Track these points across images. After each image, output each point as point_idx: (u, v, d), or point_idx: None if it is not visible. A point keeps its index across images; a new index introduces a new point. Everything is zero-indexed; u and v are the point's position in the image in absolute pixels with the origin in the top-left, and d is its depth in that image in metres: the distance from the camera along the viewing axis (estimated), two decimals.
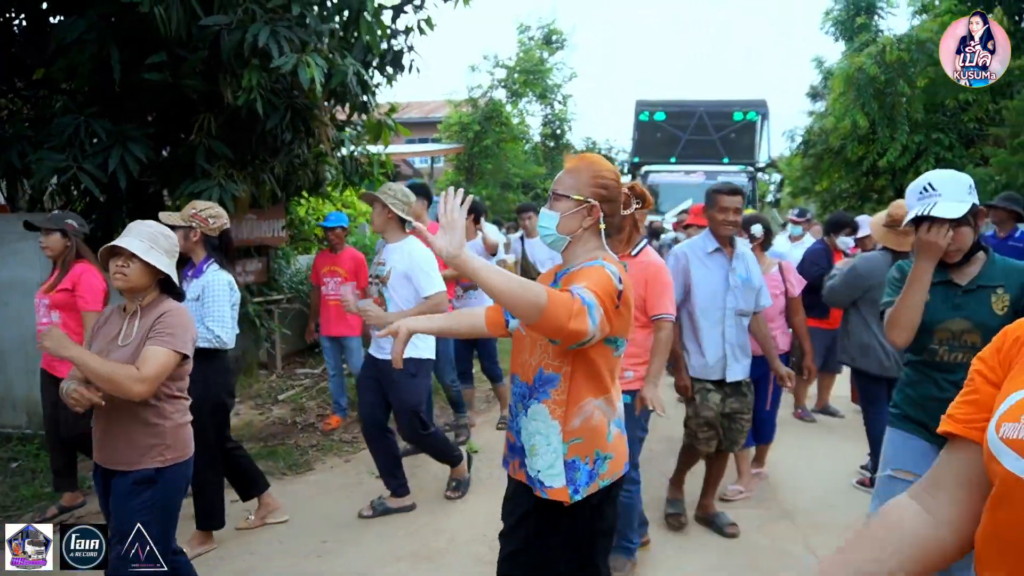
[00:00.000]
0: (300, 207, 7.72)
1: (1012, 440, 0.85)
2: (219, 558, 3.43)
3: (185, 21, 4.10)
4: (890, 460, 2.35)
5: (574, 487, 1.91)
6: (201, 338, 3.18)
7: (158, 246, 2.39)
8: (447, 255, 1.65)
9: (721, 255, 3.48)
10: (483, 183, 18.30)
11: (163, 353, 2.29)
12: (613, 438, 1.99)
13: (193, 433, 3.25)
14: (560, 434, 1.92)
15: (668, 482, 3.94)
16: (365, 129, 6.33)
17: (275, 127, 5.02)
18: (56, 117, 4.52)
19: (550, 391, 1.93)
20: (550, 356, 1.93)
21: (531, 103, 20.23)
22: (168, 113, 5.04)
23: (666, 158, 12.10)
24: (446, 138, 18.65)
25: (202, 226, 3.36)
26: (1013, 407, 0.88)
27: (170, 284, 2.46)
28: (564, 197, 1.97)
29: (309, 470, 4.64)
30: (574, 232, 1.98)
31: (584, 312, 1.68)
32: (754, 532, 3.48)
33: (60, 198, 5.69)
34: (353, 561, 3.40)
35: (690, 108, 12.30)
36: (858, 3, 15.91)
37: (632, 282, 3.14)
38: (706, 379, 3.49)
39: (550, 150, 21.14)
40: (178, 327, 2.35)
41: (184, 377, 2.49)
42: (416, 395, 3.83)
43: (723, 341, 3.46)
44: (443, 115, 19.43)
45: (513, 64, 18.93)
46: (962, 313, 2.25)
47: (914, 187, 2.31)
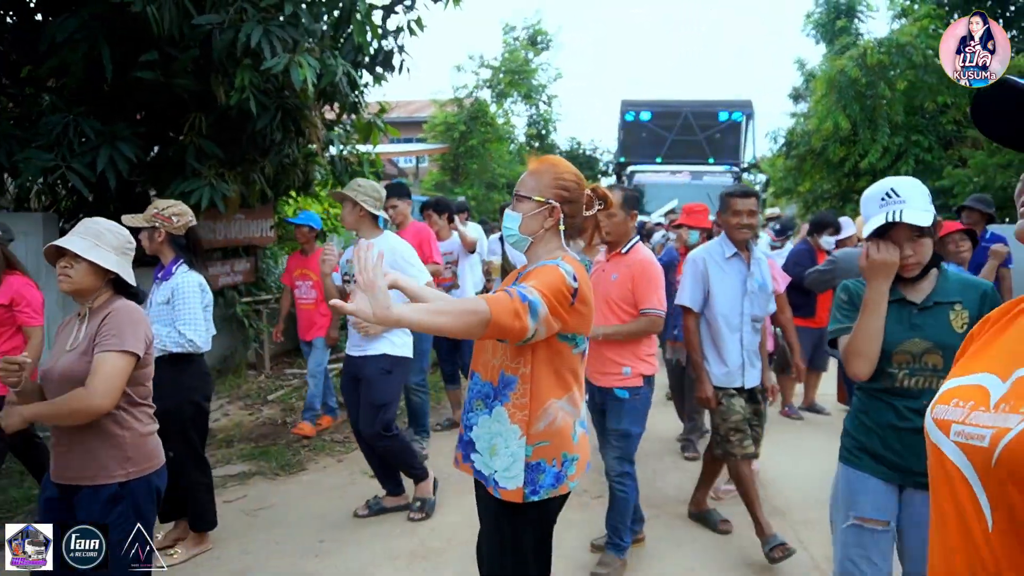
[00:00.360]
0: (288, 207, 7.69)
1: (940, 421, 0.92)
2: (215, 558, 3.42)
3: (177, 20, 4.08)
4: (850, 505, 2.08)
5: (532, 488, 1.95)
6: (174, 343, 3.12)
7: (104, 243, 2.23)
8: (377, 319, 1.59)
9: (739, 260, 3.41)
10: (468, 183, 18.30)
11: (111, 358, 2.12)
12: (579, 439, 2.04)
13: (175, 438, 3.23)
14: (522, 438, 1.95)
15: (688, 509, 3.88)
16: (355, 129, 6.32)
17: (265, 127, 5.00)
18: (44, 115, 4.48)
19: (510, 394, 1.97)
20: (508, 357, 1.98)
21: (516, 103, 20.26)
22: (158, 112, 5.01)
23: (652, 158, 12.17)
24: (431, 138, 18.62)
25: (166, 225, 3.19)
26: (945, 393, 0.95)
27: (124, 284, 2.29)
28: (526, 199, 2.04)
29: (302, 470, 4.63)
30: (536, 233, 2.04)
31: (526, 310, 1.76)
32: (747, 528, 3.52)
33: (46, 197, 5.63)
34: (350, 560, 3.41)
35: (675, 108, 12.38)
36: (839, 6, 16.13)
37: (621, 277, 3.20)
38: (728, 387, 3.41)
39: (535, 150, 21.18)
40: (124, 326, 2.17)
41: (144, 382, 2.30)
42: (388, 393, 3.71)
43: (741, 348, 3.39)
44: (428, 115, 19.38)
45: (498, 64, 18.93)
46: (920, 333, 2.02)
47: (873, 194, 2.09)
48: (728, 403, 3.39)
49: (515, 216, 2.05)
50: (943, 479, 0.90)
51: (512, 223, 2.06)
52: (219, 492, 4.23)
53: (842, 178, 14.17)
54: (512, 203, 2.11)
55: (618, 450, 3.25)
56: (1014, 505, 0.79)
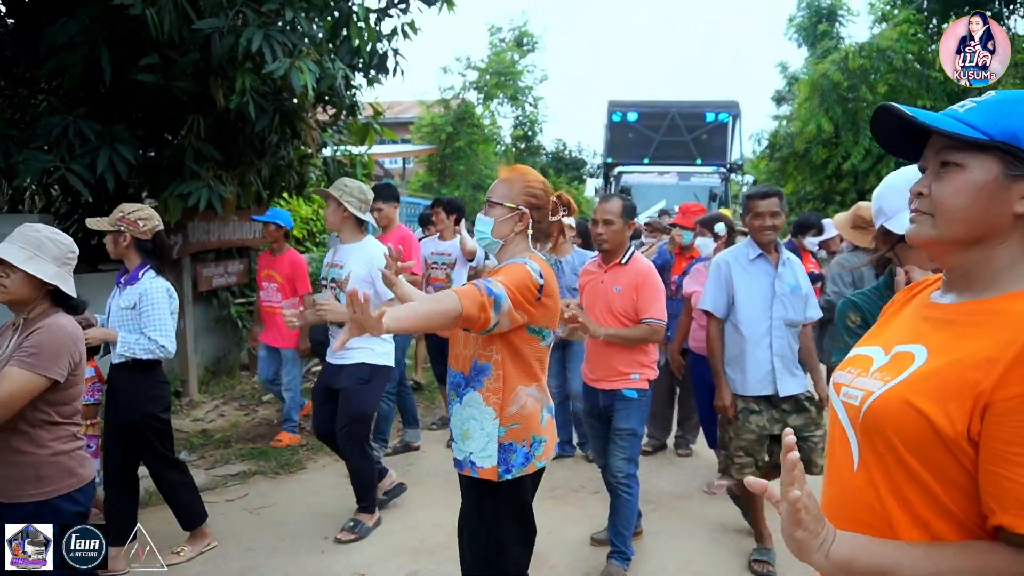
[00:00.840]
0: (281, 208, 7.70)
1: (836, 384, 1.12)
2: (221, 555, 3.46)
3: (177, 24, 4.10)
4: None
5: (505, 467, 2.14)
6: (143, 349, 3.07)
7: (43, 253, 2.15)
8: (377, 331, 1.67)
9: (765, 261, 3.28)
10: (455, 184, 18.33)
11: (20, 376, 2.02)
12: (546, 423, 2.25)
13: (141, 450, 3.22)
14: (496, 419, 2.14)
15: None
16: (351, 131, 6.36)
17: (263, 129, 5.03)
18: (42, 117, 4.48)
19: (484, 380, 2.16)
20: (480, 346, 2.16)
21: (502, 105, 20.33)
22: (156, 114, 5.02)
23: (639, 159, 12.26)
24: (418, 139, 18.63)
25: (131, 229, 3.13)
26: (846, 360, 1.14)
27: (65, 295, 2.22)
28: (498, 204, 2.24)
29: (301, 469, 4.67)
30: (506, 236, 2.24)
31: (491, 303, 1.96)
32: (743, 521, 3.63)
33: (41, 199, 5.62)
34: (355, 557, 3.47)
35: (662, 109, 12.46)
36: (820, 10, 16.40)
37: (625, 289, 3.23)
38: (752, 395, 3.24)
39: (521, 152, 21.26)
40: (47, 346, 2.08)
41: (68, 402, 2.21)
42: (365, 404, 3.61)
43: (771, 353, 3.21)
44: (414, 115, 19.40)
45: (485, 66, 19.00)
46: None
47: (897, 185, 1.87)
48: (743, 419, 3.24)
49: (487, 220, 2.24)
50: (833, 431, 1.11)
51: (484, 227, 2.24)
52: (220, 492, 4.28)
53: (824, 180, 14.42)
54: (484, 208, 2.29)
55: (626, 451, 3.23)
56: (871, 448, 1.00)
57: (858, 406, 1.03)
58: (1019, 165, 0.95)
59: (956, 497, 0.93)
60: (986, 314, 0.97)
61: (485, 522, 2.22)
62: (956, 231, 0.99)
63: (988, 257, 0.99)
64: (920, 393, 0.95)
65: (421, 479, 4.38)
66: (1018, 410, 0.86)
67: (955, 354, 0.94)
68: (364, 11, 5.14)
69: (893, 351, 1.05)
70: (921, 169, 1.06)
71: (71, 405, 2.24)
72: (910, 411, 0.94)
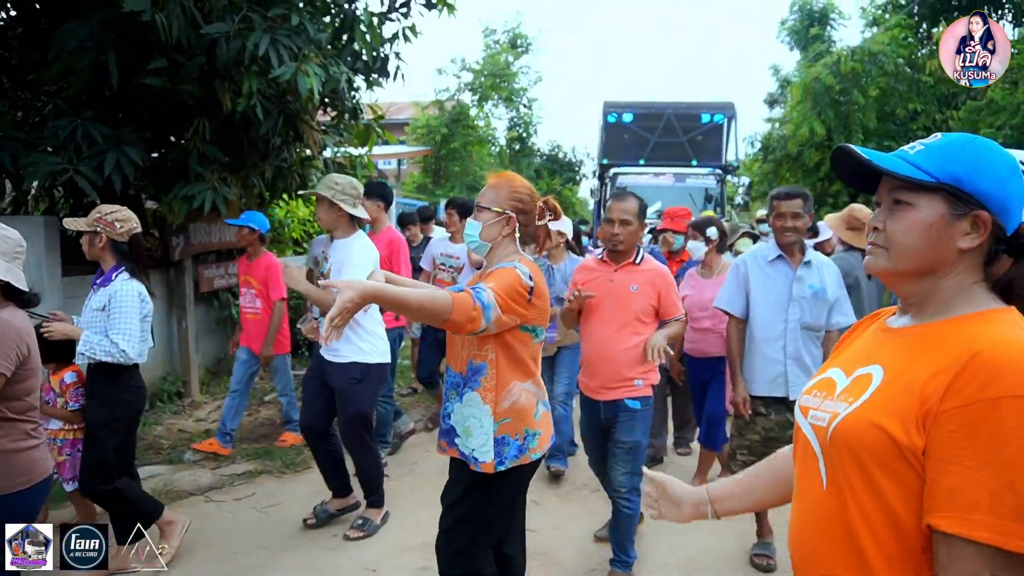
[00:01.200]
0: (280, 209, 7.75)
1: (803, 407, 1.18)
2: (231, 553, 3.51)
3: (185, 28, 4.15)
4: None
5: (499, 459, 2.25)
6: (103, 351, 3.00)
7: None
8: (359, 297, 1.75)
9: (784, 263, 3.25)
10: (449, 185, 18.40)
11: None
12: (540, 416, 2.35)
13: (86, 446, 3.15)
14: (491, 416, 2.25)
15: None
16: (352, 133, 6.42)
17: (267, 132, 5.08)
18: (48, 120, 4.52)
19: (480, 380, 2.27)
20: (476, 347, 2.27)
21: (497, 106, 20.41)
22: (161, 117, 5.06)
23: (635, 160, 12.26)
24: (413, 140, 18.68)
25: (108, 231, 3.10)
26: (811, 385, 1.21)
27: (16, 290, 2.22)
28: (486, 209, 2.33)
29: (307, 468, 4.71)
30: (494, 239, 2.33)
31: (480, 313, 2.05)
32: (744, 517, 3.70)
33: (44, 201, 5.64)
34: (364, 554, 3.52)
35: (658, 110, 12.45)
36: (812, 14, 16.58)
37: (643, 289, 3.21)
38: (761, 396, 3.26)
39: (516, 153, 21.35)
40: None
41: (21, 397, 2.21)
42: (363, 402, 3.62)
43: (784, 356, 3.20)
44: (408, 116, 19.45)
45: (479, 68, 19.07)
46: None
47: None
48: (752, 419, 3.25)
49: (476, 224, 2.33)
50: (801, 452, 1.17)
51: (473, 231, 2.33)
52: (228, 491, 4.33)
53: (817, 182, 14.59)
54: (473, 213, 2.39)
55: (628, 464, 3.15)
56: (840, 467, 1.05)
57: (825, 427, 1.09)
58: (962, 205, 1.04)
59: (912, 505, 0.99)
60: (936, 335, 1.05)
61: (469, 510, 2.34)
62: (908, 264, 1.09)
63: (937, 286, 1.08)
64: (880, 411, 1.02)
65: (427, 478, 4.44)
66: (952, 419, 0.95)
67: (909, 373, 1.03)
68: (368, 15, 5.20)
69: (854, 374, 1.13)
70: (876, 204, 1.16)
71: (23, 400, 2.21)
72: (873, 429, 1.01)
